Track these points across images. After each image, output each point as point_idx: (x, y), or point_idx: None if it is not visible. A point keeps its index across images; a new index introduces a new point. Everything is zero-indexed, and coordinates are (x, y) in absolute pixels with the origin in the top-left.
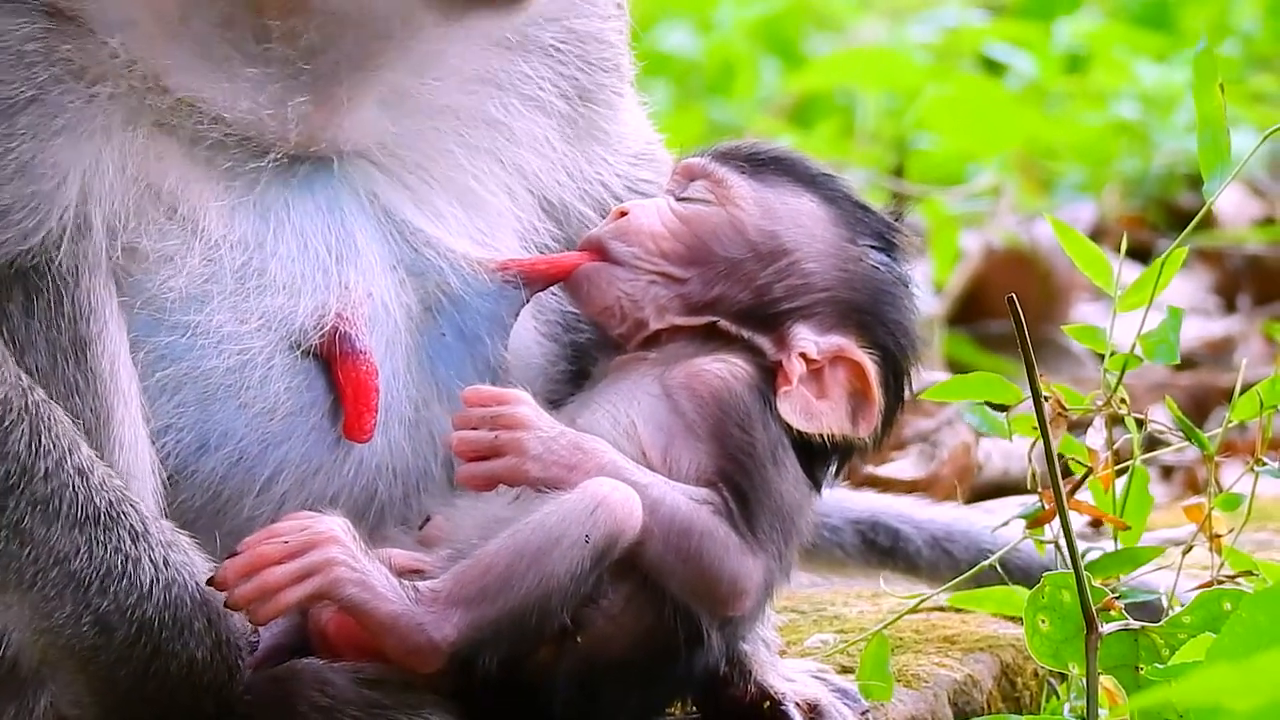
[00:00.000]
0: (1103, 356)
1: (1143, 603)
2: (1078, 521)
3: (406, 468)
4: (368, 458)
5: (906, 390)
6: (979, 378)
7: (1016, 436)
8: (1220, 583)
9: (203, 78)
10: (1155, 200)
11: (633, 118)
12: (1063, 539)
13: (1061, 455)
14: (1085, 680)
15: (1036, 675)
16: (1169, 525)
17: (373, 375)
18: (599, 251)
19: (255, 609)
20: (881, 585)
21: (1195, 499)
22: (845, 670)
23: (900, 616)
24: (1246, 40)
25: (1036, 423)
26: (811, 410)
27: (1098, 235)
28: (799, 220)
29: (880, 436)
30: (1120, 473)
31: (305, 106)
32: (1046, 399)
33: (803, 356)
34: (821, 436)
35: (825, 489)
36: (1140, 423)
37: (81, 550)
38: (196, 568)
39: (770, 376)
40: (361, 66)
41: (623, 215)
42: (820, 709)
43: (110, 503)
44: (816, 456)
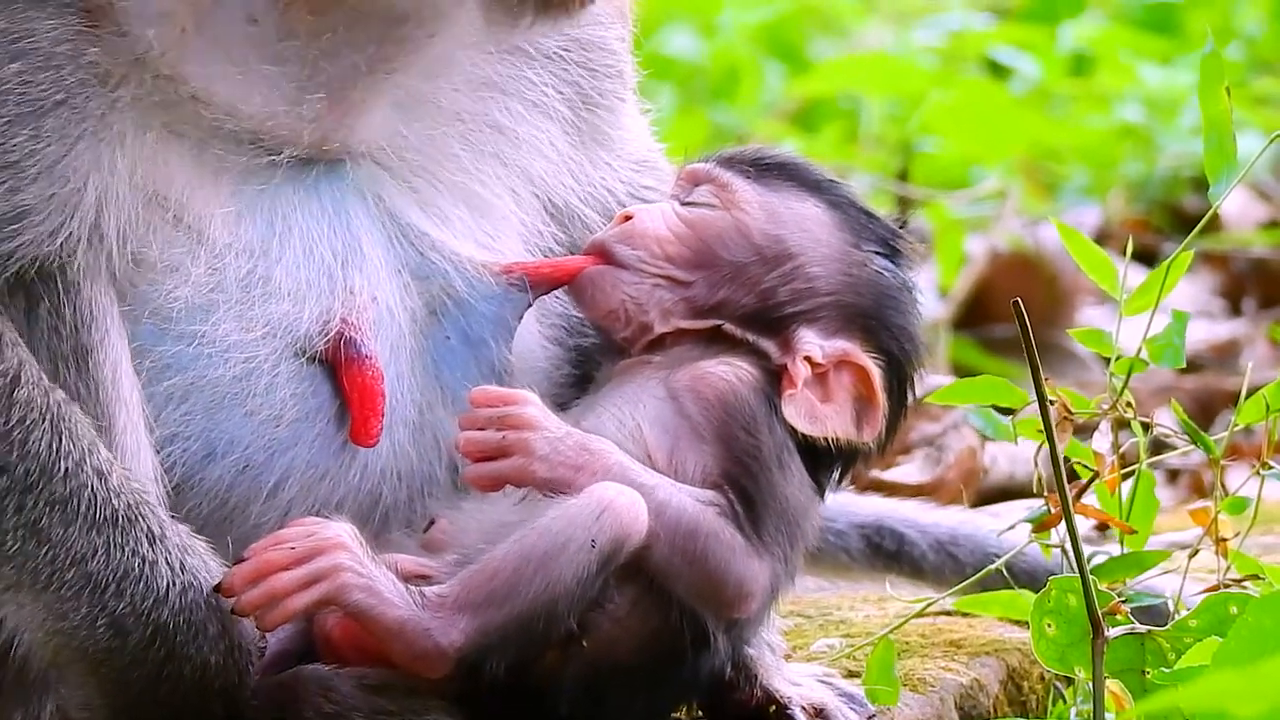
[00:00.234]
0: (1108, 360)
1: (1149, 607)
2: (1083, 525)
3: (411, 471)
4: (373, 462)
5: (910, 395)
6: (984, 381)
7: (1022, 440)
8: (1226, 586)
9: (221, 72)
10: (1160, 203)
11: (635, 124)
12: (1069, 543)
13: (1067, 459)
14: (1091, 684)
15: (1043, 679)
16: (1175, 529)
17: (378, 380)
18: (603, 255)
19: (263, 615)
20: (888, 589)
21: (1201, 503)
22: (851, 674)
23: (906, 621)
24: (1250, 43)
25: (1042, 426)
26: (816, 414)
27: (1102, 239)
28: (804, 225)
29: (884, 441)
30: (1126, 476)
31: (320, 105)
32: (1052, 403)
33: (807, 360)
34: (826, 440)
35: (830, 493)
36: (1146, 426)
37: (99, 552)
38: (211, 572)
39: (775, 380)
40: (378, 68)
41: (627, 219)
42: (826, 713)
43: (129, 505)
44: (821, 460)
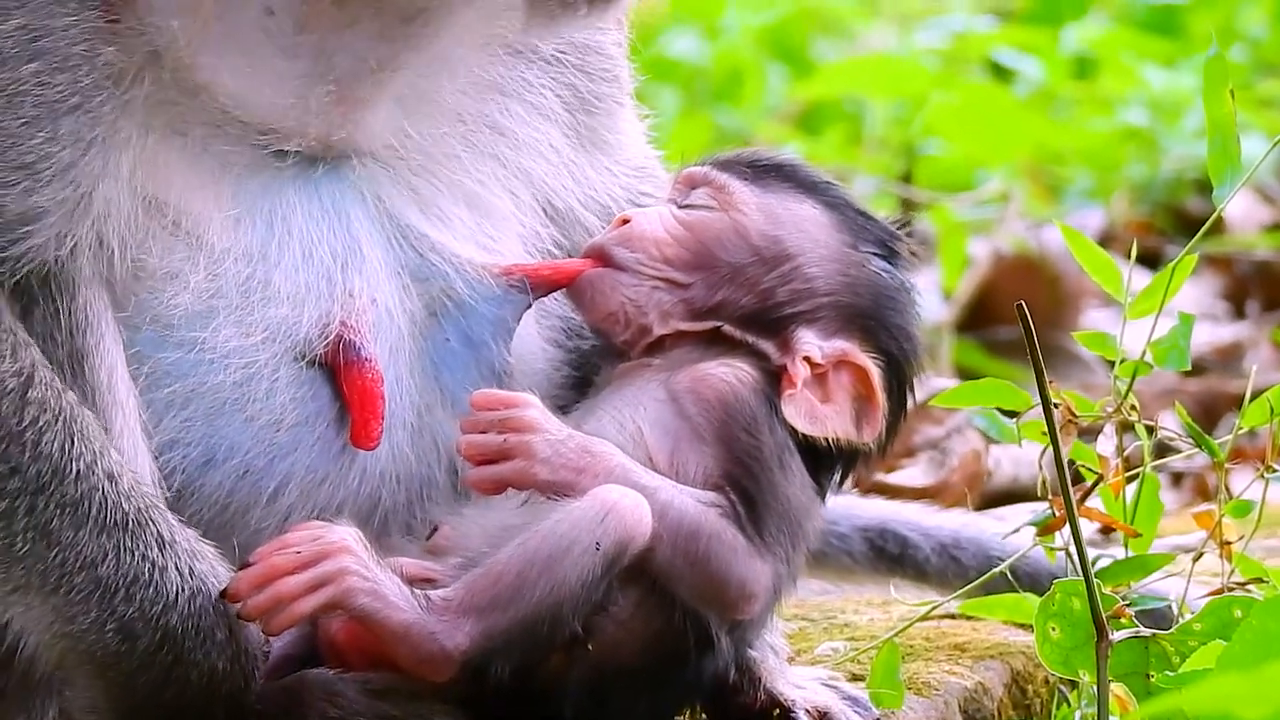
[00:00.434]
0: (1112, 363)
1: (1153, 610)
2: (1088, 528)
3: (410, 474)
4: (372, 465)
5: (910, 395)
6: (988, 384)
7: (1026, 443)
8: (1231, 590)
9: (232, 63)
10: (1163, 206)
11: (633, 129)
12: (1073, 546)
13: (1071, 462)
14: (1096, 688)
15: (1047, 683)
16: (1179, 532)
17: (378, 383)
18: (602, 258)
19: (269, 619)
20: (892, 592)
21: (1205, 506)
22: (856, 678)
23: (911, 624)
24: (1254, 46)
25: (1046, 429)
26: (816, 414)
27: (1106, 241)
28: (801, 225)
29: (885, 442)
30: (1130, 479)
31: (328, 100)
32: (1056, 405)
33: (807, 360)
34: (826, 441)
35: (832, 495)
36: (1150, 429)
37: (109, 556)
38: (220, 577)
39: (774, 381)
40: (387, 64)
41: (625, 222)
42: (830, 717)
43: (139, 509)
44: (822, 461)
